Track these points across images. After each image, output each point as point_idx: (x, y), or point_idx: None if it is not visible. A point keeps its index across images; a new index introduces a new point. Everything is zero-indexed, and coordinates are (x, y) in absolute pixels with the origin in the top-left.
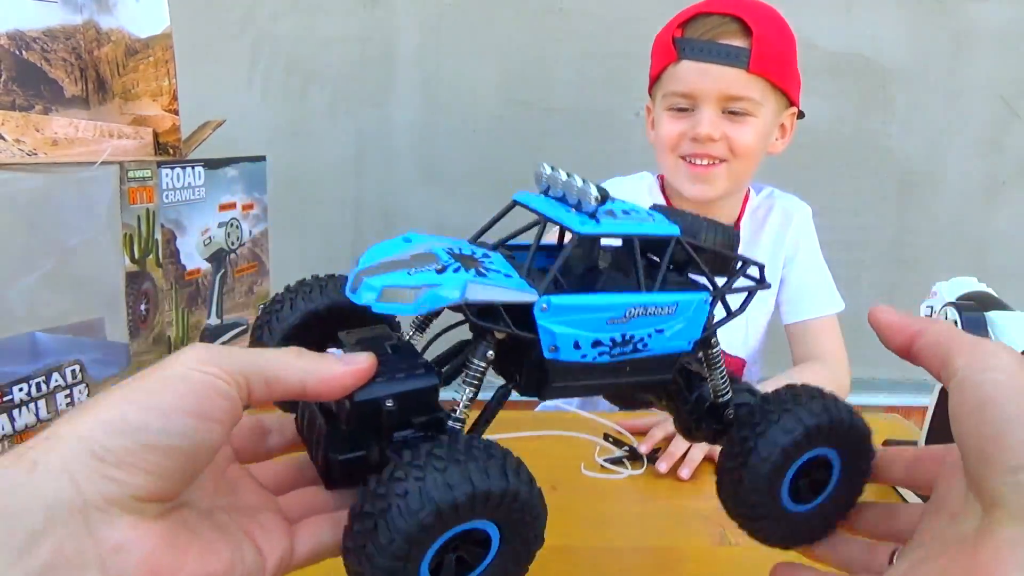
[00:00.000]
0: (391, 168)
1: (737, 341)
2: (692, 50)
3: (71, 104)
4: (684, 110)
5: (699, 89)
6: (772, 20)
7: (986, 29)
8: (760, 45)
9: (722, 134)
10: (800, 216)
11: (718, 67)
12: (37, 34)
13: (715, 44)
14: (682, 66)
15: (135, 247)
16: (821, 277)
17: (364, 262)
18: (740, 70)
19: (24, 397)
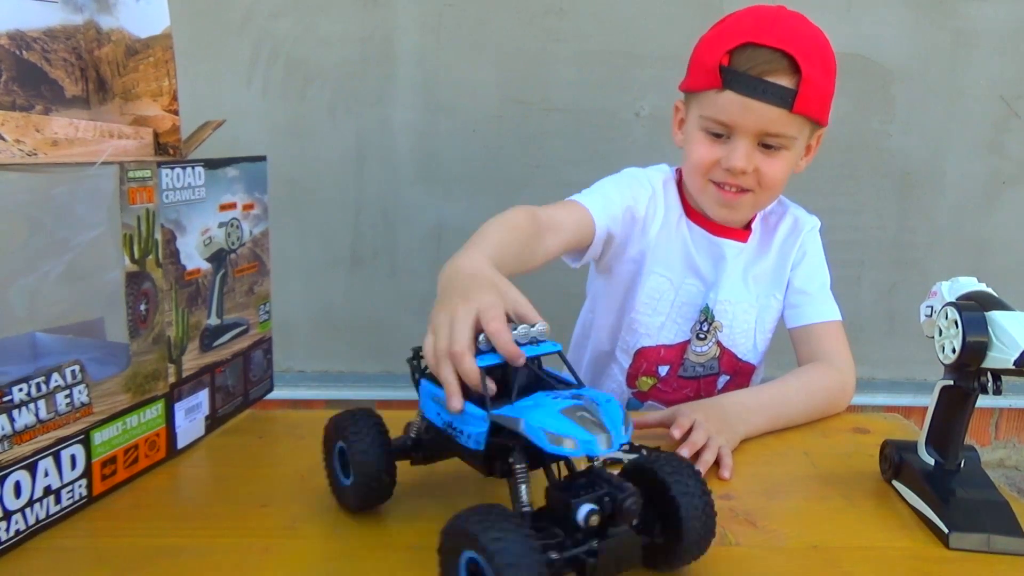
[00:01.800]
0: (391, 168)
1: (747, 347)
2: (738, 84)
3: (71, 104)
4: (719, 135)
5: (739, 122)
6: (821, 55)
7: (986, 29)
8: (807, 87)
9: (754, 167)
10: (810, 227)
11: (762, 104)
12: (37, 34)
13: (762, 82)
14: (725, 96)
15: (135, 247)
16: (825, 286)
17: None
18: (784, 110)
19: (24, 397)
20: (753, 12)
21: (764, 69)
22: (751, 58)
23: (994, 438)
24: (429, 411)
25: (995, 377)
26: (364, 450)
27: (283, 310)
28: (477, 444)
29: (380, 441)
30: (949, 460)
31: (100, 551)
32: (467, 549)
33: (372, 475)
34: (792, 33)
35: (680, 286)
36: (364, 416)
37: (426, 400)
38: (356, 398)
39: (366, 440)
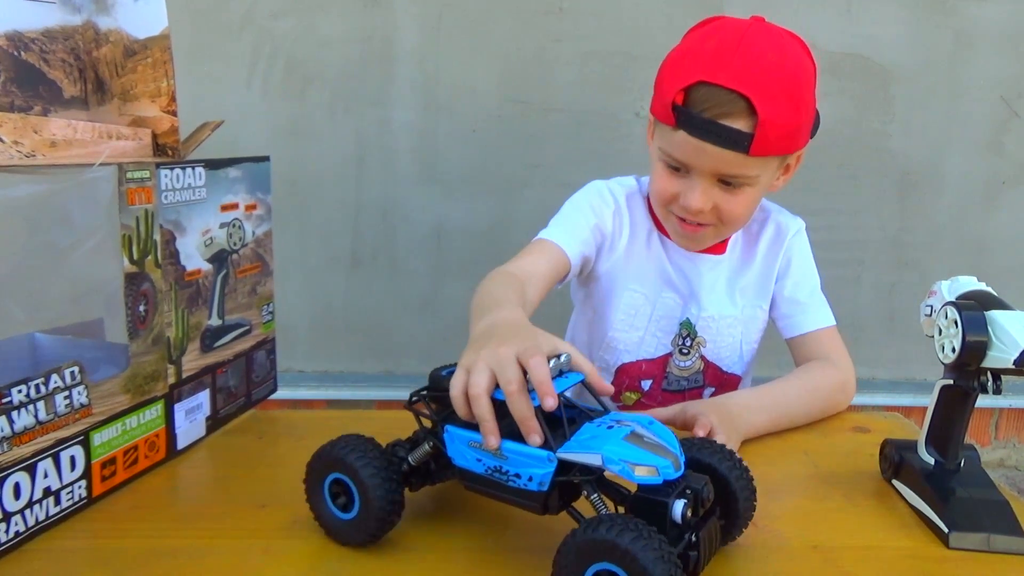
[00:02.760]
0: (391, 168)
1: (733, 359)
2: (690, 126)
3: (70, 105)
4: (678, 169)
5: (694, 164)
6: (785, 89)
7: (986, 29)
8: (765, 129)
9: (713, 206)
10: (794, 232)
11: (715, 147)
12: (35, 35)
13: (715, 125)
14: (679, 135)
15: (134, 248)
16: (815, 291)
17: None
18: (740, 153)
19: (23, 399)
20: (716, 37)
21: (717, 112)
22: (705, 99)
23: (994, 438)
24: (463, 458)
25: (995, 377)
26: (375, 480)
27: (283, 310)
28: (541, 486)
29: (388, 468)
30: (949, 459)
31: (100, 552)
32: (603, 560)
33: (383, 507)
34: (753, 67)
35: (656, 300)
36: (363, 442)
37: (459, 447)
38: (356, 398)
39: (372, 467)
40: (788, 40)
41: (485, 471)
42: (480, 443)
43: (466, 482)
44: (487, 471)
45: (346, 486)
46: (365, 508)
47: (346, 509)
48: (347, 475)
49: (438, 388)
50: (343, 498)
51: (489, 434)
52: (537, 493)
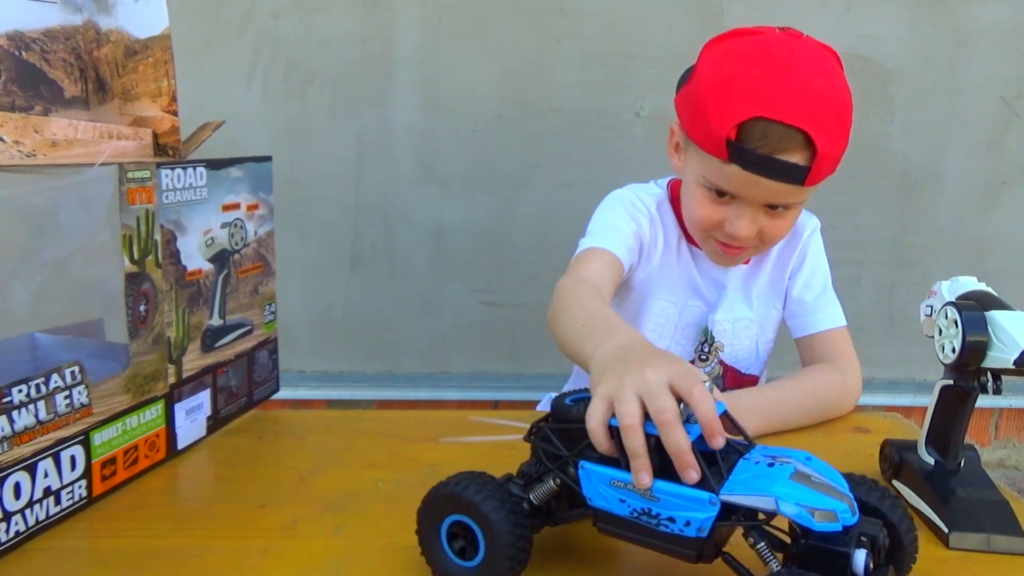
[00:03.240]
0: (391, 168)
1: (750, 360)
2: (746, 163)
3: (71, 105)
4: (723, 195)
5: (745, 195)
6: (837, 117)
7: (986, 29)
8: (821, 162)
9: (757, 231)
10: (810, 230)
11: (770, 181)
12: (36, 35)
13: (771, 160)
14: (732, 169)
15: (134, 248)
16: (826, 290)
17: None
18: (794, 186)
19: (23, 398)
20: (762, 62)
21: (774, 147)
22: (762, 135)
23: (994, 438)
24: (604, 499)
25: (995, 377)
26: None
27: (283, 310)
28: (700, 532)
29: (516, 510)
30: (949, 460)
31: (100, 552)
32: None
33: (512, 551)
34: (808, 99)
35: (683, 308)
36: (484, 479)
37: (599, 486)
38: (356, 398)
39: (499, 506)
40: (830, 59)
41: (630, 514)
42: (625, 482)
43: (604, 525)
44: (633, 514)
45: (468, 529)
46: (492, 553)
47: (466, 555)
48: (470, 516)
49: (565, 419)
50: (460, 541)
51: (642, 471)
52: (694, 540)
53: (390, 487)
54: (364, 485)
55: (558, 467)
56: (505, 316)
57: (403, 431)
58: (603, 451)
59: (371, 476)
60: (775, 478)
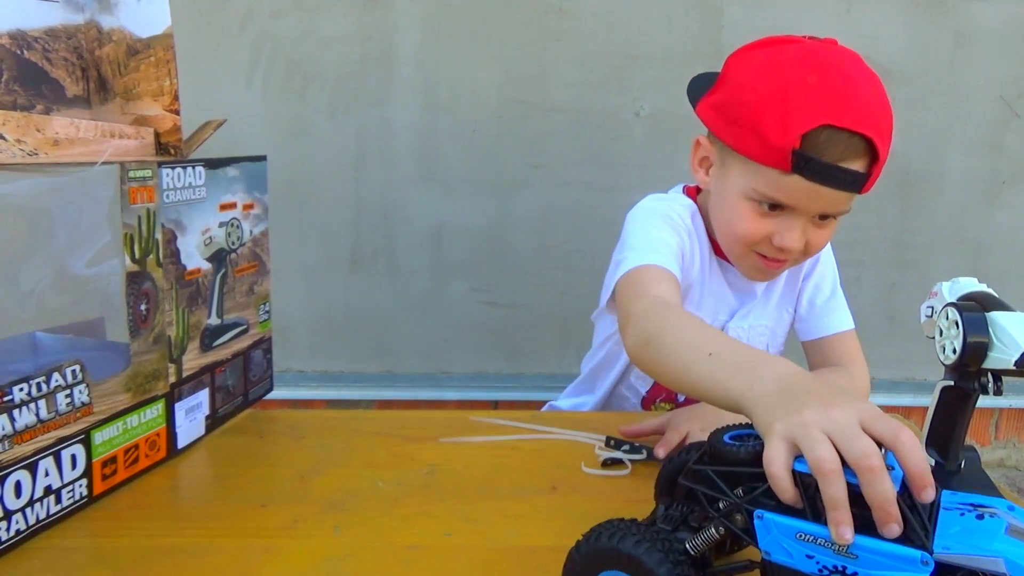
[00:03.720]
0: (391, 168)
1: None
2: (812, 172)
3: (72, 104)
4: (772, 208)
5: (802, 206)
6: (890, 124)
7: (986, 29)
8: (878, 168)
9: (805, 242)
10: None
11: (831, 190)
12: (39, 34)
13: (837, 169)
14: (793, 180)
15: (135, 247)
16: (835, 293)
17: None
18: (853, 193)
19: (24, 397)
20: (821, 73)
21: (841, 156)
22: (828, 143)
23: (994, 438)
24: (786, 554)
25: (996, 378)
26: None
27: (283, 310)
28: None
29: (680, 562)
30: (949, 461)
31: (100, 551)
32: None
33: None
34: (869, 106)
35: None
36: (640, 528)
37: (781, 539)
38: (356, 398)
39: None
40: (867, 65)
41: (819, 571)
42: (815, 536)
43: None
44: (823, 571)
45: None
46: None
47: None
48: (629, 571)
49: (729, 460)
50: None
51: (843, 524)
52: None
53: (390, 487)
54: (364, 485)
55: (723, 514)
56: (505, 316)
57: (403, 431)
58: (787, 500)
59: (371, 476)
60: (991, 534)
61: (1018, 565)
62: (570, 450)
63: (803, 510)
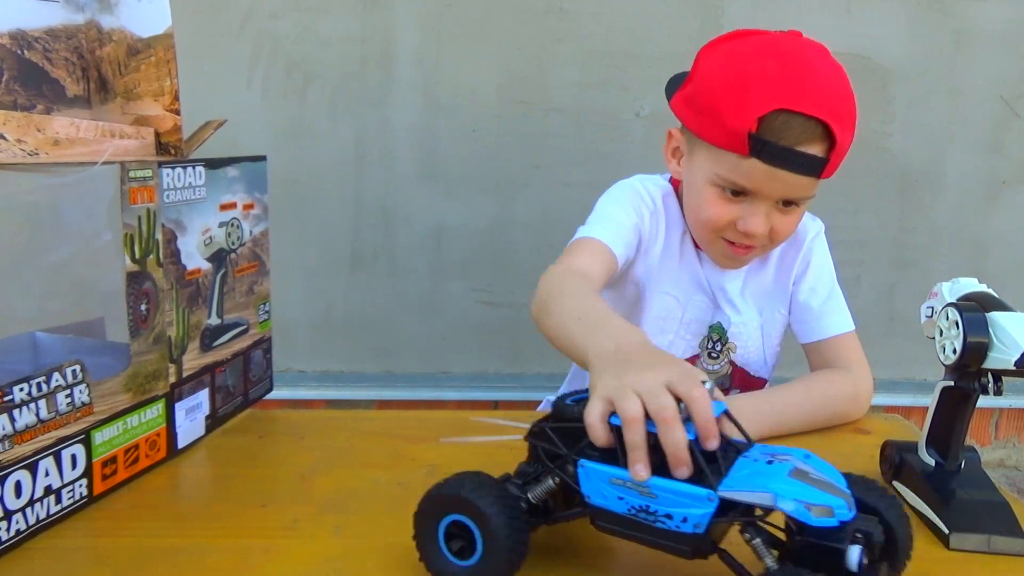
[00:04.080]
0: (391, 168)
1: (759, 364)
2: (768, 154)
3: (73, 104)
4: (736, 194)
5: (762, 190)
6: (850, 112)
7: (986, 29)
8: (838, 154)
9: (770, 228)
10: (812, 234)
11: (790, 175)
12: (39, 33)
13: (794, 153)
14: (751, 163)
15: (136, 247)
16: (833, 294)
17: None
18: (812, 178)
19: (24, 397)
20: (779, 60)
21: (796, 139)
22: (783, 127)
23: (994, 438)
24: (603, 497)
25: (995, 378)
26: (503, 523)
27: (283, 310)
28: (697, 528)
29: (514, 508)
30: (949, 461)
31: (100, 551)
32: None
33: (510, 551)
34: (826, 93)
35: (688, 303)
36: (483, 479)
37: (598, 484)
38: (356, 398)
39: (498, 506)
40: (832, 57)
41: (628, 511)
42: (623, 479)
43: (602, 523)
44: (631, 511)
45: (465, 528)
46: (489, 551)
47: (463, 555)
48: (468, 515)
49: (565, 418)
50: (458, 542)
51: (639, 463)
52: (691, 536)
53: (390, 487)
54: (364, 485)
55: (557, 466)
56: (505, 316)
57: (403, 431)
58: (601, 444)
59: (371, 476)
60: (773, 475)
61: (784, 498)
62: None
63: (617, 458)
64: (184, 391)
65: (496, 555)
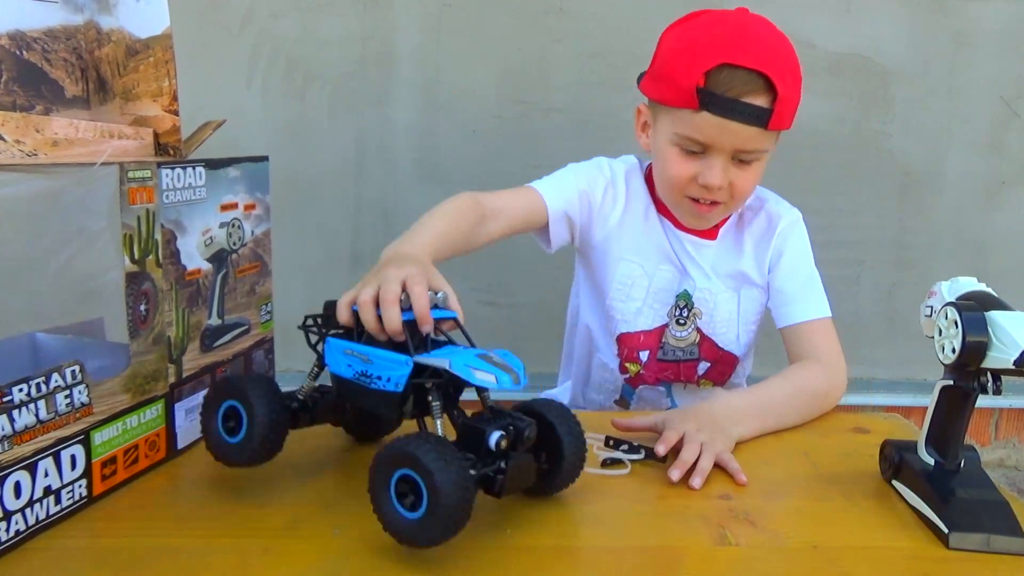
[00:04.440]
0: (391, 168)
1: (729, 337)
2: (716, 106)
3: (72, 104)
4: (694, 152)
5: (716, 142)
6: (791, 67)
7: (986, 29)
8: (781, 104)
9: (728, 182)
10: (785, 223)
11: (738, 124)
12: (38, 34)
13: (739, 103)
14: (702, 116)
15: (135, 247)
16: (810, 281)
17: None
18: (759, 128)
19: (24, 398)
20: (720, 25)
21: (742, 90)
22: (729, 80)
23: (994, 438)
24: (337, 365)
25: (995, 377)
26: (263, 409)
27: (283, 310)
28: (396, 386)
29: (278, 402)
30: (949, 460)
31: (100, 551)
32: (402, 467)
33: (268, 435)
34: (766, 51)
35: (654, 273)
36: (261, 378)
37: (335, 354)
38: None
39: (264, 399)
40: (776, 27)
41: (353, 375)
42: (352, 349)
43: (341, 392)
44: (355, 375)
45: (237, 412)
46: (250, 432)
47: (233, 433)
48: (240, 401)
49: (327, 312)
50: (232, 423)
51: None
52: (393, 394)
53: None
54: (364, 485)
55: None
56: (505, 316)
57: (402, 431)
58: (343, 321)
59: None
60: (463, 353)
61: (457, 364)
62: None
63: (352, 336)
64: (184, 391)
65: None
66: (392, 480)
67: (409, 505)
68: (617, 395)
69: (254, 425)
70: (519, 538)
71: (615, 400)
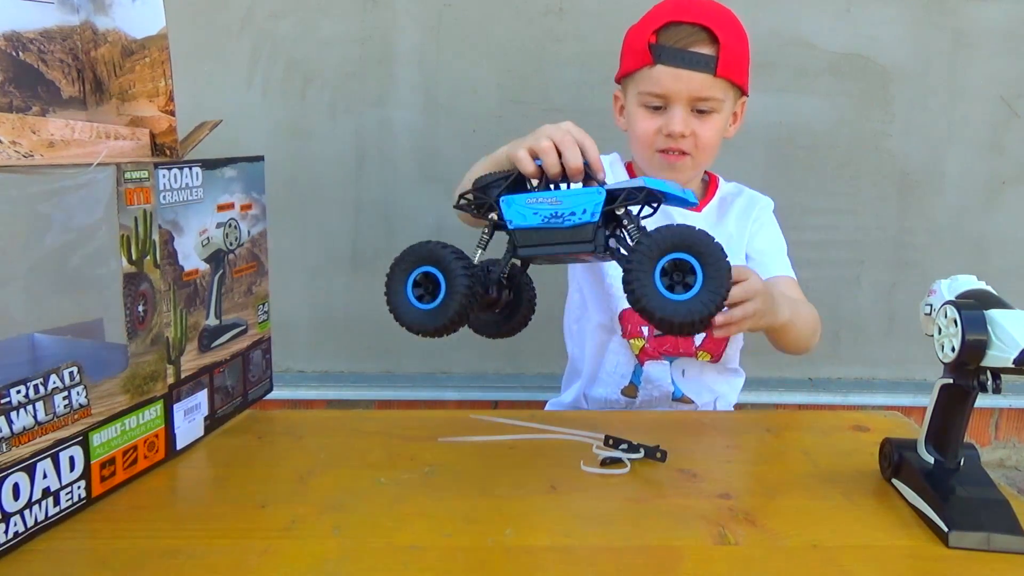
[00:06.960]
0: (391, 168)
1: None
2: (667, 57)
3: (68, 105)
4: (657, 108)
5: (672, 91)
6: (733, 26)
7: (986, 29)
8: (726, 52)
9: (691, 131)
10: (759, 209)
11: (690, 72)
12: (34, 35)
13: (687, 52)
14: (657, 70)
15: (132, 248)
16: (783, 251)
17: None
18: (708, 75)
19: (22, 399)
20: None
21: (688, 41)
22: (675, 34)
23: (994, 438)
24: (523, 217)
25: (994, 376)
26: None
27: (283, 310)
28: (593, 216)
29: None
30: (949, 458)
31: (99, 553)
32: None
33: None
34: (708, 11)
35: None
36: (452, 248)
37: (517, 208)
38: (356, 398)
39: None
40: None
41: (543, 221)
42: (536, 198)
43: (524, 245)
44: (544, 220)
45: (433, 279)
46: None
47: (424, 301)
48: (439, 268)
49: (483, 183)
50: (420, 290)
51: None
52: (588, 225)
53: (390, 487)
54: (364, 485)
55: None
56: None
57: (403, 431)
58: (528, 172)
59: (371, 476)
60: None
61: (652, 180)
62: (569, 449)
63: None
64: (183, 392)
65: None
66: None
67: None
68: (626, 381)
69: (453, 293)
70: (519, 538)
71: (622, 390)
